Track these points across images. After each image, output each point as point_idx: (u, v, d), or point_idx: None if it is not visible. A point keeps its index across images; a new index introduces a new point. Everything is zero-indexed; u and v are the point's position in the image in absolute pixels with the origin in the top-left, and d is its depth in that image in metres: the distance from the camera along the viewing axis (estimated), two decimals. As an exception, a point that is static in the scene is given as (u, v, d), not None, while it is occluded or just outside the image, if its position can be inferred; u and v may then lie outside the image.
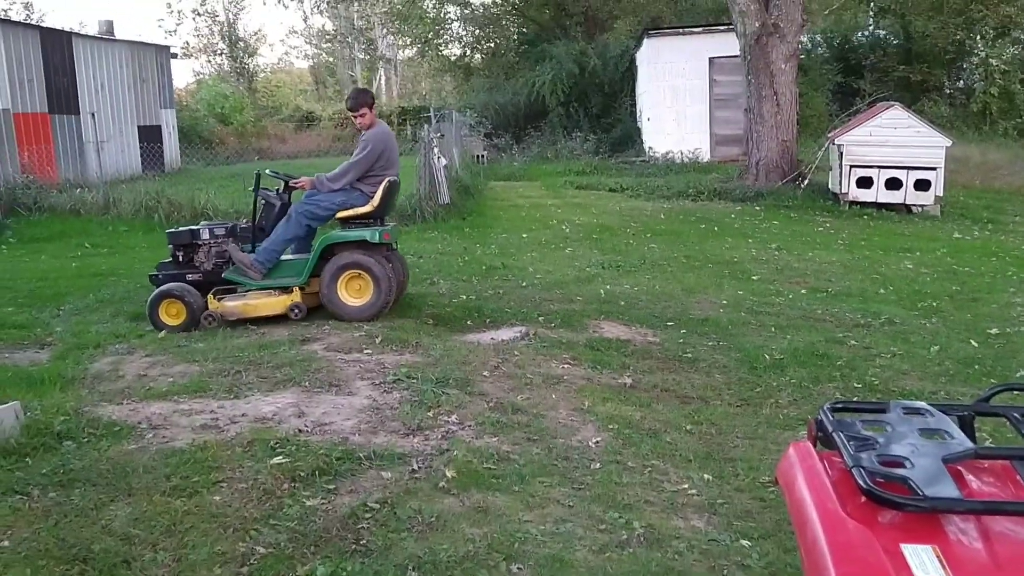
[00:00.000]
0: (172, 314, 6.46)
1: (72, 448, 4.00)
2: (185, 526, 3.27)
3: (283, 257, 6.60)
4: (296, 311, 6.37)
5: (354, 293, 6.38)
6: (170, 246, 6.71)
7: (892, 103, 13.36)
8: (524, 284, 8.14)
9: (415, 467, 3.85)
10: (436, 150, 12.78)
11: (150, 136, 22.18)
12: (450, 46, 32.35)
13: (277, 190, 6.75)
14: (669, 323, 6.70)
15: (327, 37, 49.13)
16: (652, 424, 4.57)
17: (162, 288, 6.48)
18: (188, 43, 45.97)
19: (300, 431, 4.22)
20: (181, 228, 6.74)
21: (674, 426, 4.57)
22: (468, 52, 32.42)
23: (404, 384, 4.96)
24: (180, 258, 6.67)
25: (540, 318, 6.72)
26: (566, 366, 5.54)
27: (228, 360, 5.47)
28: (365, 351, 5.65)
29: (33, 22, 19.00)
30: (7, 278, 8.93)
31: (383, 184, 6.46)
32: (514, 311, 6.96)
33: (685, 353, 5.93)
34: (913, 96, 21.73)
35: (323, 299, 6.38)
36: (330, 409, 4.56)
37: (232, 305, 6.45)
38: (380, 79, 44.17)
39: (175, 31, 70.38)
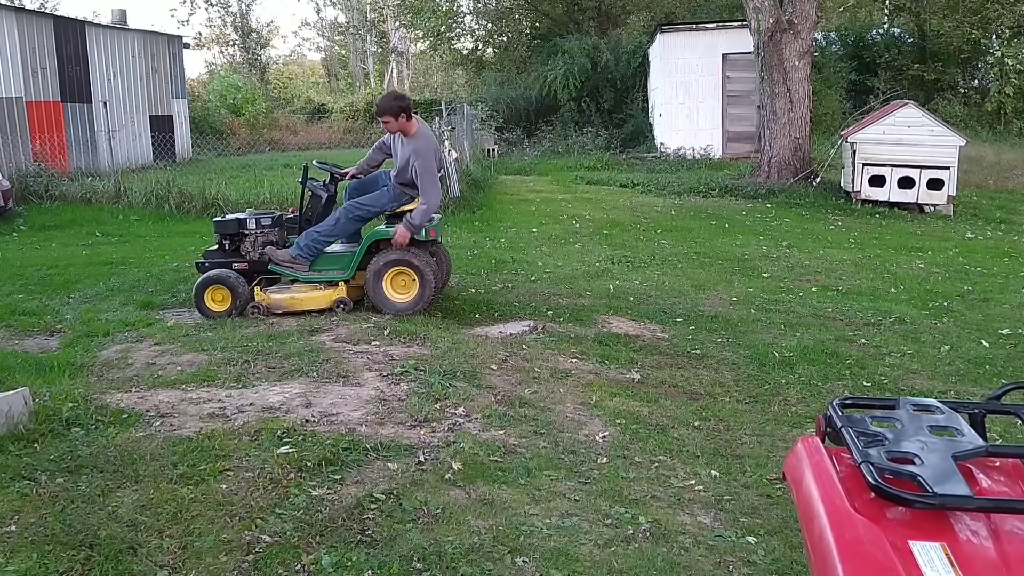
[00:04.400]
0: (217, 300, 6.48)
1: (80, 435, 4.01)
2: (191, 514, 3.27)
3: (330, 249, 6.57)
4: (342, 306, 6.36)
5: (399, 289, 6.36)
6: (216, 235, 6.72)
7: (906, 101, 13.29)
8: (533, 279, 8.13)
9: (421, 459, 3.85)
10: (447, 143, 12.77)
11: (162, 126, 22.24)
12: (462, 40, 32.33)
13: (324, 181, 6.74)
14: (678, 319, 6.68)
15: (339, 29, 49.17)
16: (659, 419, 4.55)
17: (209, 274, 6.51)
18: (200, 34, 46.11)
19: (307, 421, 4.22)
20: (228, 217, 6.72)
21: (682, 422, 4.55)
22: (480, 46, 32.38)
23: (412, 376, 4.96)
24: (227, 246, 6.69)
25: (549, 312, 6.71)
26: (574, 360, 5.53)
27: (236, 350, 5.47)
28: (373, 343, 5.65)
29: (47, 10, 19.01)
30: (18, 265, 8.96)
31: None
32: (523, 305, 6.95)
33: (694, 349, 5.91)
34: (927, 95, 21.65)
35: (368, 294, 6.36)
36: (337, 400, 4.56)
37: (278, 298, 6.46)
38: (392, 72, 44.16)
39: (187, 21, 70.54)
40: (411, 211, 6.35)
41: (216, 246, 6.75)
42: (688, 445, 4.22)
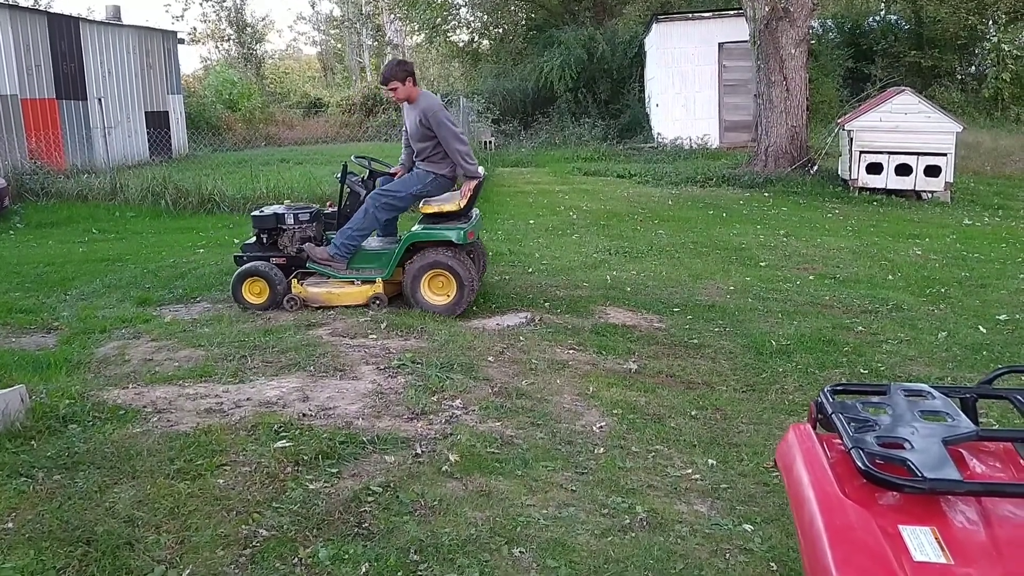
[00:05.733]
0: (255, 293, 6.51)
1: (77, 431, 4.02)
2: (188, 509, 3.28)
3: (369, 247, 6.56)
4: (377, 302, 6.35)
5: (437, 291, 6.33)
6: (254, 229, 6.72)
7: (903, 88, 13.26)
8: (530, 270, 8.12)
9: (418, 451, 3.85)
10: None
11: (157, 122, 22.18)
12: (458, 32, 32.24)
13: (362, 178, 6.72)
14: (675, 309, 6.68)
15: (335, 23, 49.02)
16: (657, 409, 4.55)
17: (247, 266, 6.53)
18: (195, 29, 45.98)
19: (304, 415, 4.22)
20: (266, 212, 6.71)
21: (679, 411, 4.55)
22: (476, 38, 32.29)
23: (409, 369, 4.96)
24: (264, 240, 6.70)
25: (546, 304, 6.71)
26: (571, 351, 5.53)
27: (233, 345, 5.47)
28: (370, 336, 5.65)
29: (40, 7, 18.93)
30: (14, 263, 8.95)
31: (472, 185, 6.34)
32: (520, 297, 6.94)
33: (691, 339, 5.91)
34: (924, 82, 21.62)
35: (406, 294, 6.34)
36: (335, 394, 4.56)
37: (315, 291, 6.46)
38: (388, 65, 44.00)
39: (182, 16, 70.34)
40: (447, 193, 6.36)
41: (253, 239, 6.77)
42: (685, 434, 4.22)
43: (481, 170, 6.50)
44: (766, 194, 13.29)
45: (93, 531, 3.10)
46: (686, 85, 20.20)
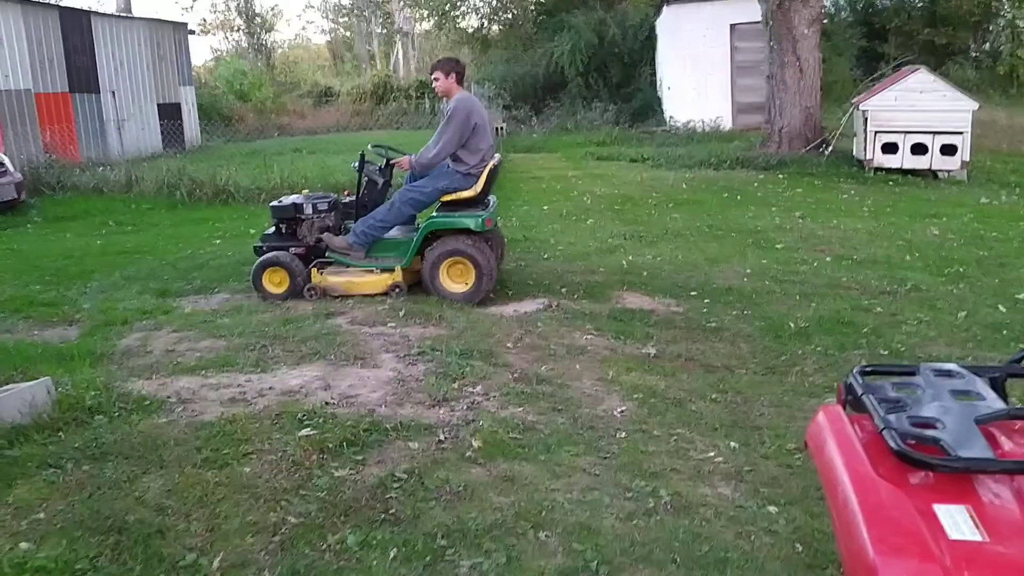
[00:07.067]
0: (275, 282, 6.55)
1: (103, 422, 4.06)
2: (217, 497, 3.32)
3: (387, 235, 6.57)
4: (397, 290, 6.37)
5: (456, 278, 6.35)
6: (274, 219, 6.75)
7: (917, 67, 13.15)
8: (546, 256, 8.13)
9: (441, 438, 3.88)
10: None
11: (170, 114, 22.25)
12: (467, 18, 32.14)
13: (380, 167, 6.74)
14: (692, 293, 6.68)
15: (344, 11, 48.97)
16: (677, 393, 4.56)
17: (267, 256, 6.57)
18: (205, 20, 46.03)
19: (327, 403, 4.25)
20: (285, 202, 6.74)
21: (699, 395, 4.56)
22: (485, 24, 32.18)
23: (428, 356, 4.99)
24: (283, 230, 6.73)
25: (563, 289, 6.72)
26: (589, 337, 5.55)
27: (254, 335, 5.51)
28: (389, 324, 5.68)
29: (52, 1, 18.98)
30: (34, 256, 9.03)
31: (486, 169, 6.35)
32: (536, 283, 6.96)
33: (709, 322, 5.91)
34: (938, 60, 21.41)
35: (425, 282, 6.36)
36: (356, 382, 4.59)
37: (335, 281, 6.49)
38: (397, 53, 43.96)
39: (191, 7, 70.29)
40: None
41: (272, 229, 6.80)
42: (706, 418, 4.23)
43: (497, 156, 6.52)
44: (780, 176, 13.23)
45: (124, 520, 3.15)
46: (698, 67, 20.08)
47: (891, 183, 12.25)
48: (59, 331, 6.08)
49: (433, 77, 6.51)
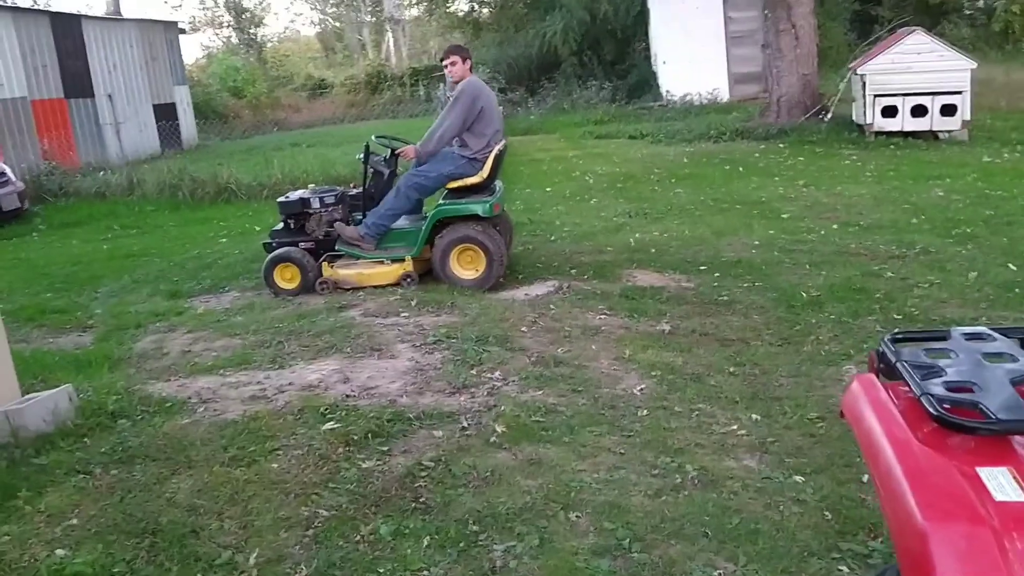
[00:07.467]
0: (287, 278, 6.57)
1: (127, 426, 4.09)
2: (248, 494, 3.35)
3: (395, 225, 6.58)
4: (408, 280, 6.38)
5: (466, 265, 6.36)
6: (281, 215, 6.76)
7: (913, 28, 13.07)
8: (553, 238, 8.13)
9: (465, 424, 3.90)
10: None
11: (166, 114, 22.19)
12: (457, 2, 31.98)
13: (385, 157, 6.73)
14: (702, 267, 6.68)
15: (332, 2, 48.69)
16: (695, 368, 4.58)
17: (277, 252, 6.58)
18: (194, 17, 45.79)
19: (348, 396, 4.28)
20: (291, 197, 6.76)
21: (717, 369, 4.58)
22: (476, 7, 32.00)
23: (444, 344, 5.00)
24: (292, 226, 6.74)
25: (572, 271, 6.72)
26: (603, 316, 5.56)
27: (268, 332, 5.53)
28: (402, 314, 5.69)
29: (41, 7, 18.90)
30: (42, 264, 9.05)
31: (492, 153, 6.35)
32: (545, 265, 6.97)
33: (721, 296, 5.92)
34: (932, 19, 21.27)
35: (436, 270, 6.37)
36: (374, 373, 4.61)
37: (346, 273, 6.51)
38: (388, 41, 43.76)
39: (180, 6, 69.83)
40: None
41: (281, 225, 6.81)
42: (726, 391, 4.25)
43: (504, 141, 6.53)
44: (781, 145, 13.19)
45: (157, 522, 3.18)
46: (692, 40, 19.94)
47: (892, 146, 12.20)
48: (73, 338, 6.11)
49: (450, 61, 6.49)
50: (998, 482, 1.39)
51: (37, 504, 3.37)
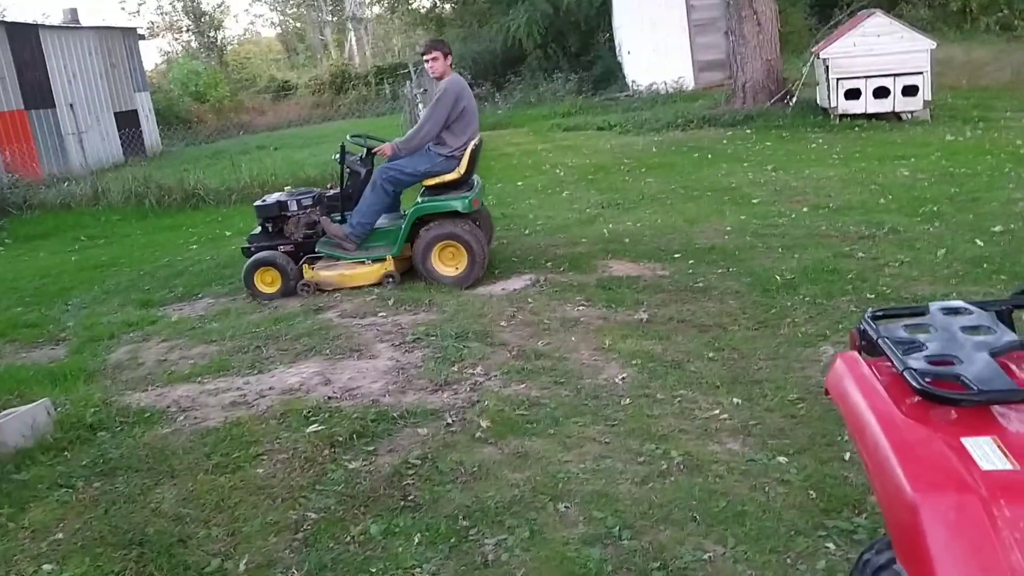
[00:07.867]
0: (267, 282, 6.51)
1: (107, 438, 4.06)
2: (234, 501, 3.33)
3: (376, 226, 6.54)
4: (390, 279, 6.36)
5: (447, 262, 6.33)
6: (259, 219, 6.70)
7: (873, 11, 13.20)
8: (527, 232, 8.14)
9: (449, 421, 3.91)
10: (420, 106, 12.67)
11: (128, 121, 21.91)
12: (419, -1, 31.87)
13: (360, 156, 6.68)
14: (676, 255, 6.72)
15: (292, 2, 48.32)
16: (674, 355, 4.61)
17: (256, 257, 6.53)
18: (153, 23, 45.26)
19: (330, 398, 4.27)
20: (269, 201, 6.69)
21: (696, 355, 4.61)
22: (438, 3, 31.93)
23: (424, 342, 5.00)
24: (270, 229, 6.68)
25: (548, 264, 6.74)
26: (581, 308, 5.58)
27: (245, 337, 5.50)
28: (380, 314, 5.68)
29: (-5, 18, 18.60)
30: (10, 278, 8.91)
31: (468, 150, 6.34)
32: (521, 259, 6.97)
33: (696, 283, 5.96)
34: (891, 1, 21.47)
35: (419, 268, 6.35)
36: (355, 374, 4.60)
37: (327, 275, 6.47)
38: (351, 40, 43.51)
39: (138, 11, 68.94)
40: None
41: (259, 229, 6.75)
42: (706, 376, 4.29)
43: (479, 136, 6.54)
44: (748, 131, 13.29)
45: (144, 532, 3.15)
46: (655, 29, 20.03)
47: (857, 128, 12.34)
48: (47, 351, 6.03)
49: (432, 57, 6.42)
50: (983, 451, 1.42)
51: (20, 520, 3.34)
